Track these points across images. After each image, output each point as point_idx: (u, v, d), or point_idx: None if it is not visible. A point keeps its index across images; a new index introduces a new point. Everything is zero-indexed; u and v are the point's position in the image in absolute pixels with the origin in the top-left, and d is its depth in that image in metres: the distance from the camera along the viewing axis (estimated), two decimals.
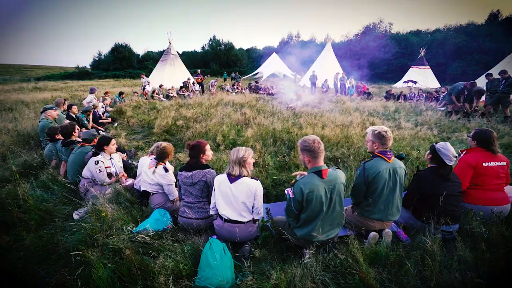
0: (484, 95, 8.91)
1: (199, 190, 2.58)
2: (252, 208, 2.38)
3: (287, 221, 2.46)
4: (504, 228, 2.37)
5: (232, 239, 2.38)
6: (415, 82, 27.48)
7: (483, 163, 2.75)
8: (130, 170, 4.16)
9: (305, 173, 2.27)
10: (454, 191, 2.56)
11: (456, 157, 2.62)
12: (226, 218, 2.36)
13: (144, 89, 13.42)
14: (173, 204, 3.01)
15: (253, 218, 2.42)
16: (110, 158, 3.59)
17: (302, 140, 2.26)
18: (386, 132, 2.52)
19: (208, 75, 21.37)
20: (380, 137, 2.50)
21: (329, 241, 2.29)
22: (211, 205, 2.50)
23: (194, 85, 15.48)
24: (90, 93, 9.18)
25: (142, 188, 3.01)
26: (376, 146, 2.53)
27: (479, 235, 2.35)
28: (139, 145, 5.60)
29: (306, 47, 40.89)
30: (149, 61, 44.02)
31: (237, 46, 55.57)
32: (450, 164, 2.56)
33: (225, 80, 25.98)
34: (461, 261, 2.15)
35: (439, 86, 26.14)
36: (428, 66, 28.76)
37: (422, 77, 27.92)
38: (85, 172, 3.43)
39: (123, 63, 42.60)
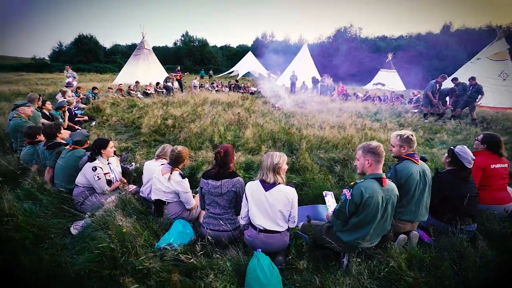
0: (448, 98, 9.68)
1: (227, 200, 2.39)
2: (289, 216, 2.26)
3: (323, 226, 2.38)
4: None
5: (267, 249, 2.23)
6: (383, 85, 29.25)
7: (491, 165, 2.94)
8: (127, 175, 3.77)
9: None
10: (472, 192, 2.67)
11: (473, 159, 2.74)
12: (261, 228, 2.21)
13: (68, 84, 9.84)
14: (189, 214, 2.77)
15: (288, 227, 2.29)
16: (108, 163, 3.21)
17: (366, 143, 2.22)
18: (412, 135, 2.58)
19: (187, 72, 20.57)
20: (408, 141, 2.54)
21: (370, 248, 2.25)
22: (242, 215, 2.33)
23: (173, 83, 14.76)
24: (66, 86, 8.27)
25: (154, 197, 2.72)
26: (404, 149, 2.56)
27: (500, 233, 2.48)
28: (128, 146, 5.14)
29: (281, 48, 41.43)
30: (118, 55, 41.26)
31: (210, 44, 54.49)
32: (469, 167, 2.67)
33: (202, 77, 25.31)
34: (489, 259, 2.23)
35: (405, 89, 28.20)
36: (395, 70, 30.75)
37: (390, 80, 29.78)
38: (81, 180, 3.02)
39: (88, 56, 39.41)
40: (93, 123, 7.18)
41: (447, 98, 9.46)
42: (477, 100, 8.78)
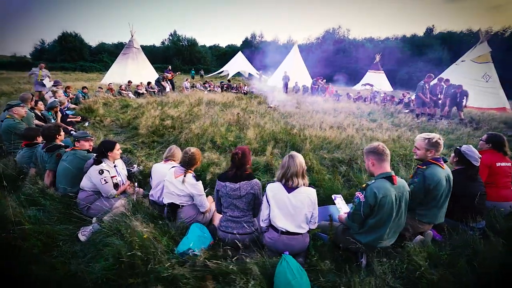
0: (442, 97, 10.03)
1: (246, 203, 2.35)
2: (310, 217, 2.25)
3: (338, 228, 2.39)
4: None
5: (290, 252, 2.20)
6: (372, 85, 29.90)
7: (497, 163, 3.04)
8: (132, 178, 3.65)
9: None
10: (481, 190, 2.76)
11: (480, 157, 2.82)
12: (283, 230, 2.19)
13: (39, 84, 8.65)
14: (203, 217, 2.70)
15: (309, 228, 2.28)
16: (114, 166, 3.10)
17: (367, 146, 2.25)
18: (440, 139, 2.56)
19: (179, 72, 20.26)
20: (436, 145, 2.52)
21: (388, 247, 2.27)
22: (263, 217, 2.29)
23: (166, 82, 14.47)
24: (53, 85, 7.94)
25: (167, 201, 2.64)
26: (431, 153, 2.54)
27: (509, 229, 2.56)
28: (127, 148, 4.99)
29: (271, 48, 41.60)
30: (104, 54, 40.07)
31: (199, 43, 53.95)
32: (477, 165, 2.75)
33: (192, 77, 25.00)
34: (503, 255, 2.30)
35: (392, 89, 28.96)
36: (382, 71, 31.49)
37: (378, 80, 30.46)
38: (85, 183, 2.90)
39: (73, 55, 38.06)
40: (86, 123, 6.94)
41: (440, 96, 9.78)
42: (464, 101, 9.21)
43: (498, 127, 7.92)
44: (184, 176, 2.58)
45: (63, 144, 3.53)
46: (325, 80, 18.04)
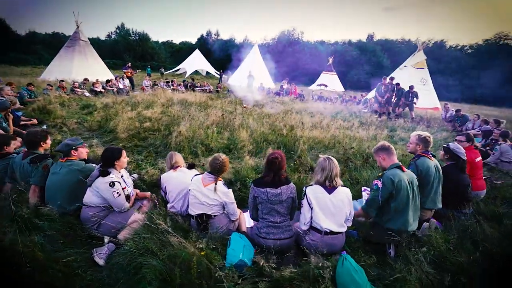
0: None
1: (287, 207, 2.37)
2: (348, 215, 2.36)
3: (366, 222, 2.57)
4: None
5: (331, 251, 2.29)
6: (326, 86, 32.00)
7: (475, 159, 3.58)
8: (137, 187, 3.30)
9: None
10: (469, 182, 3.23)
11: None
12: (327, 230, 2.26)
13: None
14: (233, 225, 2.61)
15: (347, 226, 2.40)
16: (121, 176, 2.77)
17: (374, 147, 2.70)
18: (429, 137, 3.00)
19: (139, 70, 18.77)
20: (425, 141, 2.97)
21: (412, 235, 2.53)
22: (305, 220, 2.34)
23: (123, 80, 13.29)
24: None
25: (196, 212, 2.47)
26: (419, 147, 2.99)
27: (494, 214, 3.07)
28: None
29: (228, 47, 41.40)
30: (38, 45, 34.68)
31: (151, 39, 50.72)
32: (465, 158, 3.21)
33: (149, 75, 23.32)
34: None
35: (344, 90, 31.41)
36: (335, 72, 33.91)
37: (331, 81, 32.74)
38: (91, 199, 2.54)
39: None
40: (44, 126, 6.01)
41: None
42: (415, 102, 10.55)
43: (443, 124, 9.26)
44: (215, 184, 2.46)
45: (48, 154, 3.02)
46: (287, 80, 18.73)
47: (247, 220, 2.87)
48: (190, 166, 3.07)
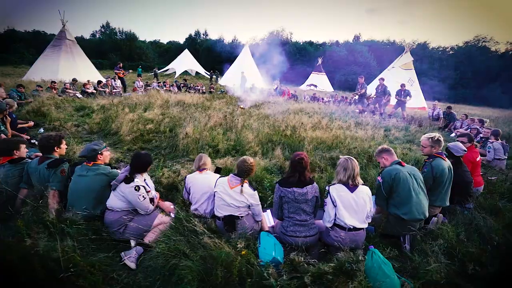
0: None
1: (312, 206, 2.48)
2: (368, 212, 2.49)
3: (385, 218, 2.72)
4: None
5: (354, 246, 2.42)
6: (315, 86, 32.46)
7: (476, 158, 3.82)
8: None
9: None
10: (470, 179, 3.45)
11: (464, 151, 3.50)
12: (350, 227, 2.37)
13: None
14: (257, 225, 2.68)
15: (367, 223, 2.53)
16: (144, 179, 2.79)
17: (376, 150, 3.05)
18: (440, 137, 3.17)
19: (131, 70, 18.38)
20: (438, 142, 3.14)
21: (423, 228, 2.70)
22: (329, 218, 2.45)
23: (115, 81, 13.00)
24: None
25: (223, 213, 2.53)
26: (435, 149, 3.14)
27: (494, 207, 3.29)
28: (119, 157, 4.44)
29: (218, 47, 41.18)
30: (18, 44, 33.18)
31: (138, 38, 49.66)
32: (457, 155, 3.40)
33: (139, 76, 22.88)
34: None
35: (333, 90, 31.98)
36: (324, 73, 34.43)
37: (321, 81, 33.24)
38: (116, 203, 2.55)
39: None
40: (41, 129, 5.85)
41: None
42: (406, 102, 10.93)
43: (431, 123, 9.66)
44: (242, 186, 2.52)
45: (65, 158, 2.98)
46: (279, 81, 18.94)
47: (266, 220, 2.95)
48: (217, 170, 3.12)
